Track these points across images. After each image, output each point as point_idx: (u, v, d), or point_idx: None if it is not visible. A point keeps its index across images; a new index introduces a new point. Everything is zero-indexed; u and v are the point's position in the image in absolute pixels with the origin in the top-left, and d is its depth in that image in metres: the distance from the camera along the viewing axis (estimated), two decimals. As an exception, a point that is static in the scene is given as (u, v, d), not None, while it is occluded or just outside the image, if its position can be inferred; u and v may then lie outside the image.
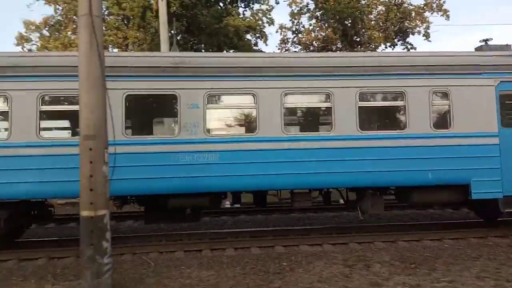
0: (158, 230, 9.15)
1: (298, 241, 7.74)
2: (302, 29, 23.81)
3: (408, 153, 7.58)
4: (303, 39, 23.74)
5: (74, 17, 20.63)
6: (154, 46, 17.87)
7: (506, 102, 8.03)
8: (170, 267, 6.39)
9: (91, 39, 5.14)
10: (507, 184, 7.77)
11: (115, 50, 20.20)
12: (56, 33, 21.87)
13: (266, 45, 44.14)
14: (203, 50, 20.26)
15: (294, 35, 24.10)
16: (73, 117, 6.78)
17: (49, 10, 27.76)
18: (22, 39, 23.05)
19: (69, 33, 21.41)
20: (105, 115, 5.28)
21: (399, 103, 7.91)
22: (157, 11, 15.77)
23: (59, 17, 22.60)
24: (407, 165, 7.55)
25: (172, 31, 16.60)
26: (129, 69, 7.28)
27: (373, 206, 7.94)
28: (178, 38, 20.58)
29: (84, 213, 5.06)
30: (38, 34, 23.06)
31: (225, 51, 19.77)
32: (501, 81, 7.95)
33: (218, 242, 7.88)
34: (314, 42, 23.56)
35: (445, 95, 7.87)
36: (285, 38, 24.23)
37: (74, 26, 20.61)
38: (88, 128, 5.14)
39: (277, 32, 24.21)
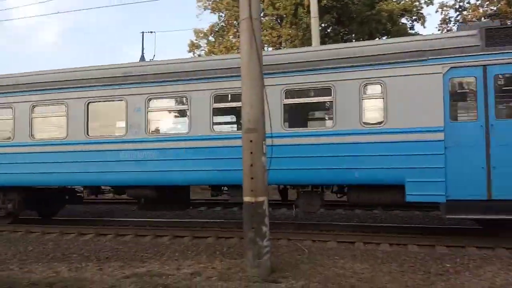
0: (310, 219, 9.45)
1: (464, 242, 7.00)
2: (467, 5, 21.22)
3: (332, 151, 7.19)
4: (469, 16, 21.11)
5: (235, 22, 22.71)
6: (306, 41, 18.34)
7: (457, 91, 7.04)
8: (323, 255, 6.53)
9: (251, 41, 5.59)
10: (452, 186, 6.71)
11: (270, 48, 21.49)
12: (220, 38, 24.45)
13: (424, 27, 40.50)
14: (353, 40, 19.85)
15: (458, 13, 21.62)
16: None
17: (214, 18, 31.23)
18: (193, 46, 26.49)
19: (231, 37, 23.70)
20: (263, 110, 5.70)
21: (326, 98, 7.51)
22: (308, 6, 16.12)
23: (222, 24, 25.21)
24: (332, 163, 7.16)
25: (323, 25, 16.74)
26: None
27: (307, 203, 7.88)
28: (329, 30, 20.66)
29: (246, 199, 5.58)
30: (205, 41, 26.19)
31: (377, 39, 18.96)
32: (451, 67, 6.83)
33: (372, 235, 7.70)
34: (482, 19, 20.69)
35: (378, 88, 7.11)
36: (447, 17, 21.96)
37: (235, 30, 22.72)
38: (249, 122, 5.64)
39: (436, 12, 22.12)
